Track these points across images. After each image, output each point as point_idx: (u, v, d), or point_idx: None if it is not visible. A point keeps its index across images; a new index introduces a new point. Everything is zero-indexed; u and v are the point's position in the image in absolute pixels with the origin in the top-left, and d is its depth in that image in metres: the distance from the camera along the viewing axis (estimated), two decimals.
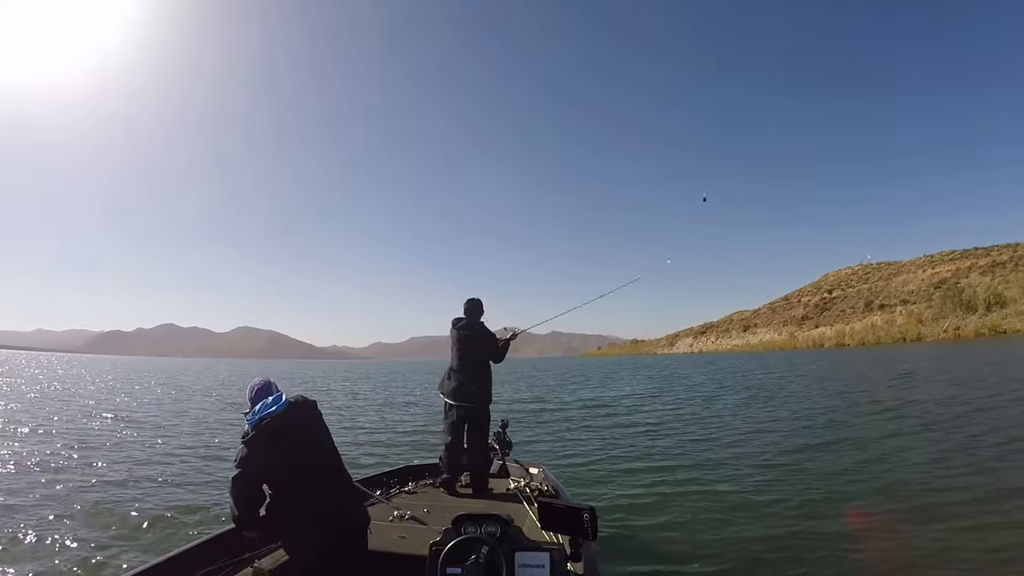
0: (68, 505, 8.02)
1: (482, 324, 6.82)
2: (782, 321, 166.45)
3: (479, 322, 6.81)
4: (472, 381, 6.60)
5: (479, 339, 6.74)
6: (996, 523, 6.36)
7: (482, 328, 6.79)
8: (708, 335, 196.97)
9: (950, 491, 7.63)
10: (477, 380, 6.65)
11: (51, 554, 6.20)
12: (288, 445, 3.57)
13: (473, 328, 6.75)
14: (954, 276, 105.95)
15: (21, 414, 18.75)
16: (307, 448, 3.68)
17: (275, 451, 3.53)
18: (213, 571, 3.87)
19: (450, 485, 6.14)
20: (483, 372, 6.75)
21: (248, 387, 3.85)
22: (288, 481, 3.58)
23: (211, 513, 7.70)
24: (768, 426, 13.96)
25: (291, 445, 3.58)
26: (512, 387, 32.79)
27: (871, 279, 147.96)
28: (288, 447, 3.56)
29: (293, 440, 3.60)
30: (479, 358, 6.72)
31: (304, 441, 3.67)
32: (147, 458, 11.54)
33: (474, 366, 6.68)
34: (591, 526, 3.21)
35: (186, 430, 15.89)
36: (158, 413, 20.30)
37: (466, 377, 6.60)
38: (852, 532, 6.46)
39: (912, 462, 9.35)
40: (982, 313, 75.82)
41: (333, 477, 3.80)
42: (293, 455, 3.57)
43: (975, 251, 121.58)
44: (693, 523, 6.97)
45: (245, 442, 3.56)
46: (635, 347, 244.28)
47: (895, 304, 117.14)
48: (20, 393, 28.13)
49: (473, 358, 6.69)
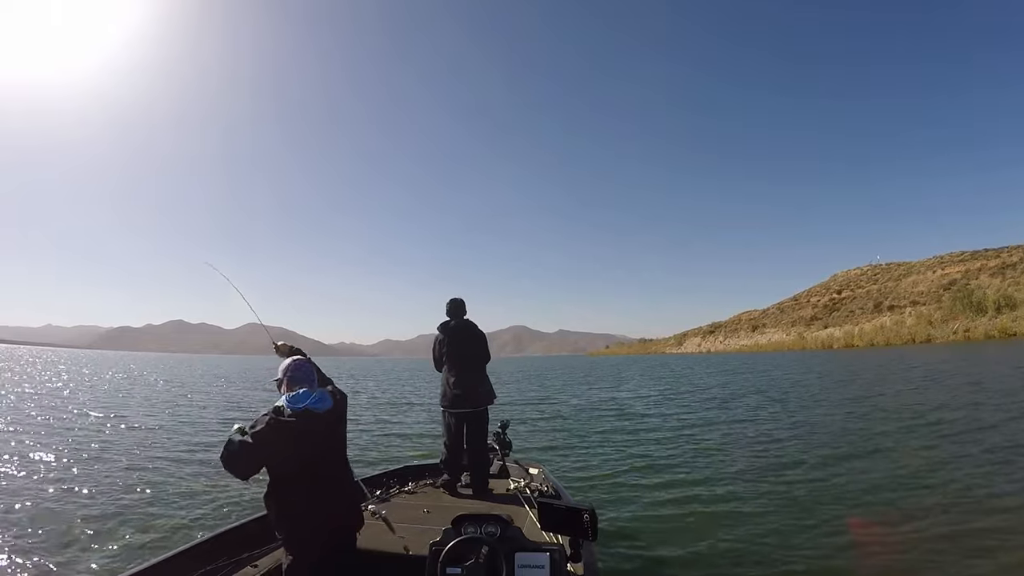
0: (58, 508, 7.97)
1: (474, 323, 6.71)
2: (791, 321, 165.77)
3: (471, 321, 6.69)
4: (479, 383, 6.52)
5: (477, 339, 6.61)
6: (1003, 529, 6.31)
7: (476, 327, 6.68)
8: (717, 335, 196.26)
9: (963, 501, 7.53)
10: (483, 381, 6.58)
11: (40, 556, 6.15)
12: (313, 442, 3.49)
13: (469, 328, 6.62)
14: (964, 277, 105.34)
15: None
16: (326, 446, 3.61)
17: (301, 446, 3.43)
18: (213, 571, 3.86)
19: (450, 485, 6.10)
20: (484, 372, 6.69)
21: (288, 363, 3.74)
22: (295, 475, 3.45)
23: (211, 513, 7.73)
24: (776, 432, 13.85)
25: (315, 443, 3.51)
26: (516, 387, 32.74)
27: (880, 280, 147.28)
28: (311, 444, 3.48)
29: (320, 439, 3.54)
30: (481, 358, 6.64)
31: (325, 439, 3.60)
32: (143, 457, 11.59)
33: (477, 367, 6.59)
34: (591, 526, 3.18)
35: (182, 429, 15.89)
36: (150, 412, 20.37)
37: (472, 379, 6.49)
38: (854, 539, 6.40)
39: (929, 470, 9.22)
40: (992, 315, 75.30)
41: (339, 475, 3.74)
42: (312, 452, 3.49)
43: (985, 252, 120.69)
44: (694, 525, 6.95)
45: (276, 422, 3.38)
46: (643, 347, 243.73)
47: (904, 305, 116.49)
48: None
49: (475, 359, 6.59)
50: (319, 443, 3.54)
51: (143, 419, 17.54)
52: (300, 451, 3.43)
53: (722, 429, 14.15)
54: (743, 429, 14.02)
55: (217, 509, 7.87)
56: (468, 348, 6.57)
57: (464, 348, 6.56)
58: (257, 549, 4.14)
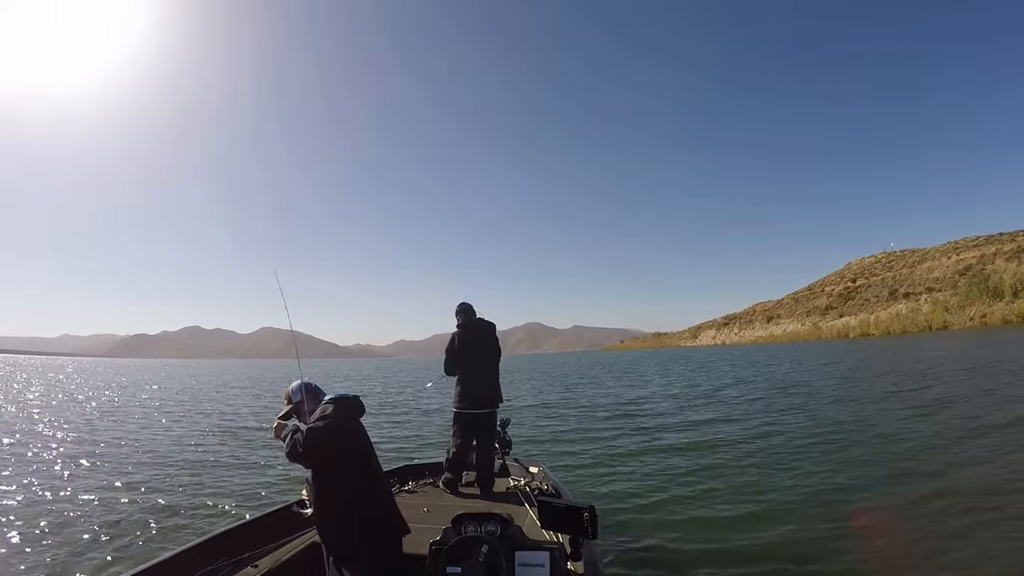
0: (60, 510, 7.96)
1: (490, 322, 6.62)
2: (806, 311, 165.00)
3: (488, 320, 6.60)
4: (496, 383, 6.46)
5: (494, 338, 6.52)
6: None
7: (493, 326, 6.60)
8: (731, 326, 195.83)
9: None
10: (497, 381, 6.50)
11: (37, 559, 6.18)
12: (356, 429, 3.51)
13: (488, 328, 6.50)
14: (979, 262, 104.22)
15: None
16: (365, 440, 3.58)
17: (359, 437, 3.46)
18: (213, 571, 3.87)
19: (453, 485, 6.04)
20: (498, 371, 6.60)
21: (298, 383, 3.72)
22: (342, 467, 3.38)
23: (210, 513, 7.74)
24: (778, 426, 13.72)
25: (363, 434, 3.54)
26: (519, 388, 32.71)
27: (895, 267, 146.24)
28: (362, 436, 3.51)
29: (360, 428, 3.56)
30: (498, 357, 6.57)
31: (363, 432, 3.59)
32: (144, 458, 11.65)
33: (495, 367, 6.51)
34: (591, 525, 3.16)
35: (181, 432, 15.99)
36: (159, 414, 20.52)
37: (493, 379, 6.43)
38: (854, 531, 6.34)
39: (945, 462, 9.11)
40: (1009, 299, 74.51)
41: (379, 478, 3.67)
42: (355, 442, 3.48)
43: (1000, 237, 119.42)
44: (695, 522, 6.86)
45: (339, 400, 3.47)
46: (658, 340, 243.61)
47: (920, 292, 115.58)
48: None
49: (494, 359, 6.52)
50: (364, 436, 3.57)
51: (153, 424, 17.73)
52: (359, 435, 3.49)
53: (723, 426, 13.90)
54: (744, 427, 13.81)
55: (215, 508, 7.92)
56: (490, 347, 6.46)
57: (487, 347, 6.44)
58: (257, 549, 4.15)
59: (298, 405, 3.65)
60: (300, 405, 3.64)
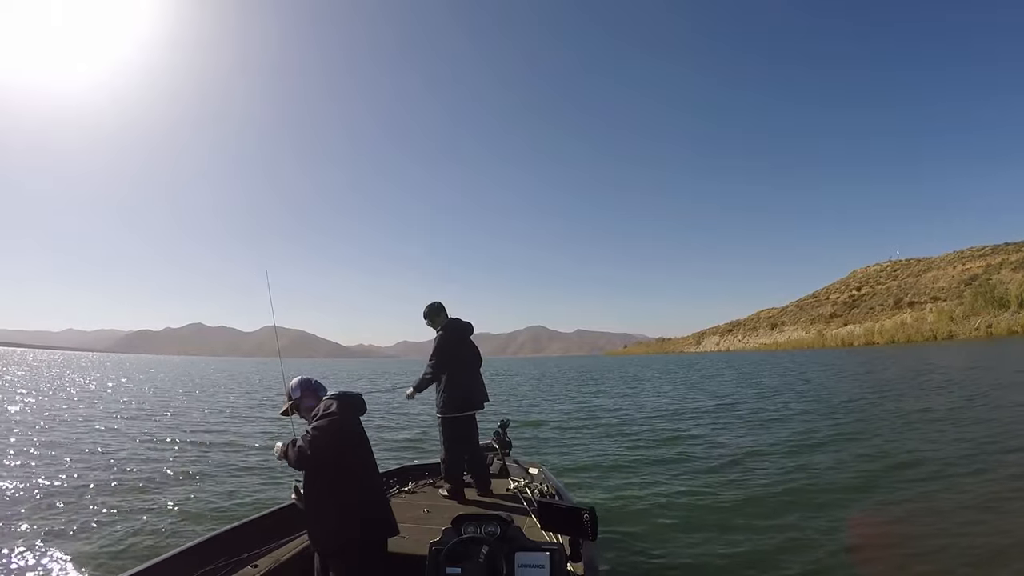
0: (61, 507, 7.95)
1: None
2: (810, 319, 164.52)
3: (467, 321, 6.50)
4: (482, 384, 6.40)
5: (471, 341, 6.44)
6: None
7: (471, 325, 6.46)
8: (735, 333, 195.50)
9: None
10: (481, 382, 6.42)
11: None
12: (357, 426, 3.50)
13: (470, 328, 6.38)
14: (985, 272, 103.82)
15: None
16: (363, 438, 3.58)
17: (358, 436, 3.46)
18: (212, 571, 3.87)
19: (455, 495, 5.88)
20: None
21: (298, 379, 3.71)
22: (339, 466, 3.38)
23: (210, 513, 7.71)
24: (782, 433, 13.73)
25: (357, 428, 3.52)
26: (521, 390, 32.71)
27: (900, 275, 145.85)
28: (353, 428, 3.49)
29: (360, 426, 3.54)
30: (479, 356, 6.51)
31: (363, 431, 3.60)
32: (139, 457, 11.63)
33: (478, 369, 6.46)
34: (591, 526, 3.12)
35: (182, 429, 16.00)
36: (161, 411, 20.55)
37: (479, 380, 6.38)
38: (852, 539, 6.32)
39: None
40: (1015, 310, 74.20)
41: (373, 476, 3.66)
42: (355, 440, 3.48)
43: (1006, 246, 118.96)
44: (696, 525, 6.84)
45: (342, 395, 3.48)
46: (661, 346, 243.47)
47: (925, 301, 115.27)
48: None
49: (478, 357, 6.48)
50: (363, 434, 3.57)
51: (150, 420, 17.76)
52: (359, 433, 3.48)
53: (724, 430, 13.96)
54: (745, 430, 13.86)
55: (215, 508, 7.89)
56: (473, 345, 6.45)
57: (471, 348, 6.37)
58: (257, 549, 4.15)
59: (297, 401, 3.63)
60: (299, 401, 3.62)
